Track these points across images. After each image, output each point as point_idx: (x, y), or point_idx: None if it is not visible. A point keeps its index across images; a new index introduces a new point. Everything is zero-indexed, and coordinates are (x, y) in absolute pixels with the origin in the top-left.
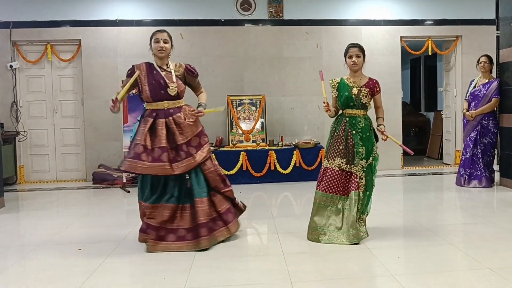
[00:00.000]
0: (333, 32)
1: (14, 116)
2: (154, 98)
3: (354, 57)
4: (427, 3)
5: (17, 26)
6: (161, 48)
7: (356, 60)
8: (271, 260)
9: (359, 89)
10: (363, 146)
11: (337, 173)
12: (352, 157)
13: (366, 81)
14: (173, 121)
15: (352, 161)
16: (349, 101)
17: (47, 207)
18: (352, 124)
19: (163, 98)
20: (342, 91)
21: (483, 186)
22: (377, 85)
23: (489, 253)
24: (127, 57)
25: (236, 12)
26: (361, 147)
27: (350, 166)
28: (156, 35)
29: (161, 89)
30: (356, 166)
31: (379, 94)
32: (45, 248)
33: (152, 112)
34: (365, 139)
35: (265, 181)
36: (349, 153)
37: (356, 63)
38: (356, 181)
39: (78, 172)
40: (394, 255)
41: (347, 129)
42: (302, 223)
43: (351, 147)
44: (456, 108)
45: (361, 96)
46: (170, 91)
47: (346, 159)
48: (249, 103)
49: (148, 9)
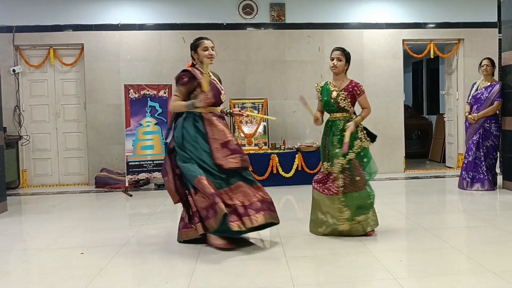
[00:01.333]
0: (335, 36)
1: (17, 120)
2: (216, 103)
3: (334, 59)
4: (429, 6)
5: (20, 31)
6: (211, 55)
7: (336, 63)
8: (273, 264)
9: (338, 93)
10: (340, 148)
11: (325, 176)
12: (331, 159)
13: (346, 84)
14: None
15: (332, 163)
16: (328, 105)
17: (49, 211)
18: (331, 127)
19: (220, 103)
20: (323, 95)
21: (485, 189)
22: (357, 88)
23: (492, 256)
24: (130, 61)
25: (238, 16)
26: (337, 148)
27: (331, 168)
28: (204, 43)
29: (219, 95)
30: (334, 167)
31: (362, 95)
32: (47, 252)
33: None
34: (342, 140)
35: (267, 185)
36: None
37: (336, 66)
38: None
39: (80, 176)
40: (397, 258)
41: (329, 133)
42: (304, 226)
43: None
44: (458, 111)
45: (338, 100)
46: (222, 97)
47: (330, 162)
48: (252, 107)
49: (150, 13)
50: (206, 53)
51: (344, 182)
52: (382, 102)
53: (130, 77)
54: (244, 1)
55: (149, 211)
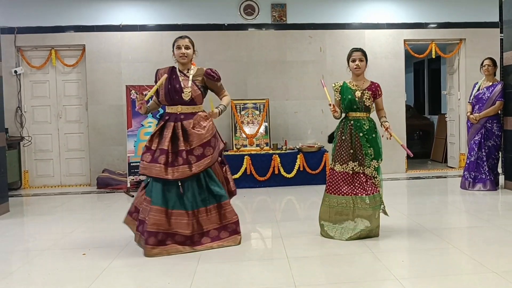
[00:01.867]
0: (337, 36)
1: (18, 121)
2: (169, 102)
3: (357, 60)
4: (430, 7)
5: (22, 32)
6: (183, 54)
7: (359, 64)
8: (275, 264)
9: (362, 92)
10: (371, 147)
11: (351, 176)
12: (362, 159)
13: (368, 85)
14: (180, 126)
15: (363, 163)
16: (352, 104)
17: (51, 212)
18: (357, 127)
19: (177, 102)
20: (345, 94)
21: (487, 189)
22: (379, 89)
23: (494, 257)
24: (131, 61)
25: (240, 17)
26: (369, 149)
27: (363, 168)
28: (178, 42)
29: (176, 94)
30: (369, 168)
31: (381, 97)
32: (49, 253)
33: (166, 115)
34: (371, 140)
35: (269, 185)
36: (359, 156)
37: (359, 67)
38: (372, 183)
39: (82, 177)
40: (399, 259)
41: (353, 132)
42: (306, 227)
43: (359, 149)
44: (460, 111)
45: (364, 99)
46: (184, 95)
47: (358, 161)
48: (253, 107)
49: (151, 14)
50: (177, 52)
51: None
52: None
53: (131, 78)
54: (245, 2)
55: None
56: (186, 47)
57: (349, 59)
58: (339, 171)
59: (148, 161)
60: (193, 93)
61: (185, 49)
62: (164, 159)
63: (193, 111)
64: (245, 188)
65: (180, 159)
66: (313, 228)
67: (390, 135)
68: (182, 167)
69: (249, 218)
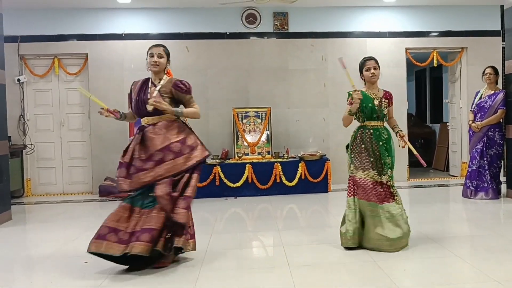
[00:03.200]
0: (338, 44)
1: (21, 130)
2: (137, 113)
3: (372, 69)
4: (432, 15)
5: (25, 40)
6: (155, 62)
7: (375, 72)
8: (276, 273)
9: (380, 101)
10: (389, 156)
11: (373, 184)
12: (381, 168)
13: (383, 93)
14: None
15: (382, 172)
16: (373, 113)
17: (53, 220)
18: (377, 136)
19: (144, 114)
20: (366, 102)
21: (489, 198)
22: (392, 97)
23: (497, 265)
24: (133, 70)
25: (242, 25)
26: (387, 158)
27: (380, 176)
28: (151, 49)
29: (143, 105)
30: (385, 176)
31: (392, 105)
32: (51, 261)
33: (138, 129)
34: (389, 150)
35: (270, 194)
36: (379, 164)
37: (375, 75)
38: (390, 192)
39: (84, 185)
40: (400, 268)
41: (373, 141)
42: (307, 235)
43: (379, 158)
44: (462, 120)
45: (382, 108)
46: (147, 106)
47: (377, 170)
48: (255, 116)
49: (154, 22)
50: (150, 60)
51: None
52: None
53: None
54: (247, 11)
55: None
56: (159, 56)
57: (362, 68)
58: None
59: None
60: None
61: (158, 58)
62: (124, 172)
63: (158, 120)
64: (246, 196)
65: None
66: (314, 236)
67: (405, 143)
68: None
69: (250, 226)
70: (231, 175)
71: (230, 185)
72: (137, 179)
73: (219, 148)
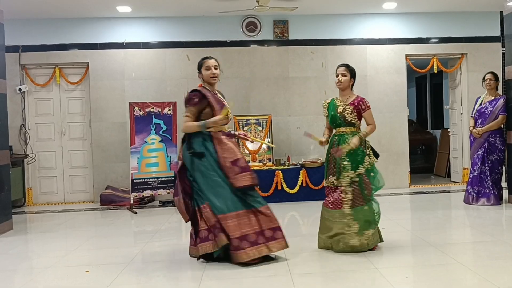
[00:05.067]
0: (338, 52)
1: (22, 139)
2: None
3: (339, 75)
4: (431, 21)
5: (26, 50)
6: (214, 74)
7: (341, 78)
8: (278, 281)
9: (343, 108)
10: (348, 161)
11: (332, 189)
12: (339, 172)
13: (352, 99)
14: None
15: (339, 176)
16: (335, 120)
17: (55, 229)
18: (339, 141)
19: (227, 122)
20: (329, 110)
21: (491, 204)
22: (362, 103)
23: (499, 272)
24: (134, 79)
25: (242, 33)
26: (345, 161)
27: (338, 181)
28: (207, 63)
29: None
30: (343, 179)
31: (367, 111)
32: (53, 270)
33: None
34: (350, 154)
35: (272, 201)
36: (337, 169)
37: (341, 82)
38: (341, 197)
39: (85, 193)
40: (403, 275)
41: (336, 147)
42: (309, 243)
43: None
44: (462, 126)
45: (345, 114)
46: (230, 115)
47: (336, 175)
48: (256, 123)
49: (154, 31)
50: (208, 73)
51: (353, 195)
52: (386, 118)
53: (134, 95)
54: (247, 19)
55: (154, 229)
56: (215, 68)
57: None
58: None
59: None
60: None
61: (215, 69)
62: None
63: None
64: None
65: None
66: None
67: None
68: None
69: None
70: None
71: None
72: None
73: None
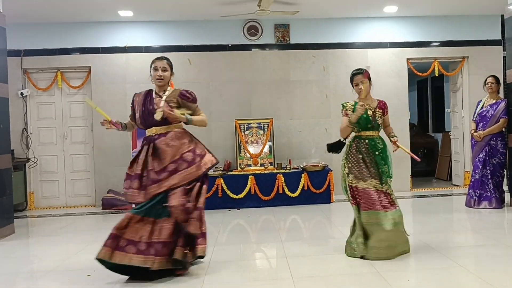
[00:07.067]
0: (340, 55)
1: (24, 143)
2: (144, 124)
3: (360, 84)
4: (432, 25)
5: (28, 54)
6: (159, 76)
7: (362, 86)
8: (280, 284)
9: (373, 111)
10: (385, 165)
11: (376, 192)
12: (380, 177)
13: (377, 103)
14: (152, 146)
15: (381, 181)
16: (367, 123)
17: (56, 233)
18: (372, 146)
19: (151, 124)
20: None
21: (493, 207)
22: (386, 106)
23: (501, 275)
24: (136, 83)
25: (243, 37)
26: (384, 166)
27: (382, 185)
28: (155, 63)
29: (150, 116)
30: (386, 185)
31: (388, 114)
32: (54, 274)
33: (144, 139)
34: (385, 159)
35: (273, 205)
36: (378, 174)
37: (363, 89)
38: (391, 199)
39: (87, 197)
40: (404, 278)
41: (369, 151)
42: (311, 246)
43: (375, 167)
44: (464, 129)
45: (376, 117)
46: (155, 116)
47: (379, 179)
48: (257, 127)
49: (156, 35)
50: (154, 74)
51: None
52: None
53: None
54: (249, 23)
55: None
56: (163, 69)
57: (352, 83)
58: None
59: (126, 188)
60: (165, 113)
61: (162, 71)
62: (137, 184)
63: (167, 130)
64: (249, 208)
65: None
66: (318, 247)
67: (398, 146)
68: (151, 186)
69: (253, 238)
70: (233, 187)
71: (233, 197)
72: (152, 190)
73: (222, 160)
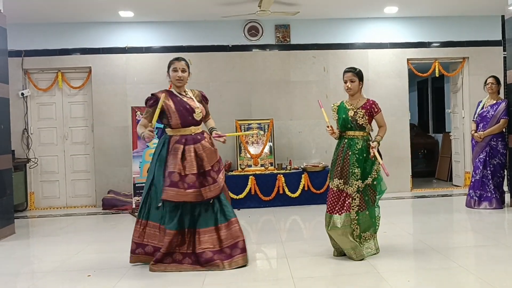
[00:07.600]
0: (340, 56)
1: (25, 143)
2: (183, 124)
3: (348, 82)
4: (433, 26)
5: (29, 55)
6: (179, 77)
7: (350, 85)
8: (280, 285)
9: (355, 111)
10: (358, 167)
11: (336, 193)
12: (347, 178)
13: (363, 103)
14: (201, 147)
15: (347, 182)
16: (346, 123)
17: (57, 233)
18: (349, 145)
19: (191, 123)
20: (340, 113)
21: (493, 208)
22: (374, 106)
23: (502, 276)
24: (136, 83)
25: (244, 38)
26: (356, 168)
27: (346, 186)
28: (174, 64)
29: (189, 115)
30: (351, 187)
31: (379, 113)
32: (55, 274)
33: (182, 138)
34: (361, 160)
35: (273, 205)
36: (345, 174)
37: (350, 88)
38: (348, 202)
39: (88, 198)
40: (404, 279)
41: (345, 150)
42: (311, 247)
43: (346, 167)
44: (464, 129)
45: (357, 118)
46: (196, 116)
47: (344, 179)
48: (257, 127)
49: (157, 36)
50: (174, 75)
51: (359, 201)
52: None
53: (137, 99)
54: (249, 23)
55: None
56: (183, 70)
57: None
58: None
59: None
60: (202, 112)
61: (182, 72)
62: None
63: (200, 130)
64: (249, 208)
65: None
66: (318, 248)
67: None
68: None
69: (254, 238)
70: (234, 187)
71: (233, 197)
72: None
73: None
